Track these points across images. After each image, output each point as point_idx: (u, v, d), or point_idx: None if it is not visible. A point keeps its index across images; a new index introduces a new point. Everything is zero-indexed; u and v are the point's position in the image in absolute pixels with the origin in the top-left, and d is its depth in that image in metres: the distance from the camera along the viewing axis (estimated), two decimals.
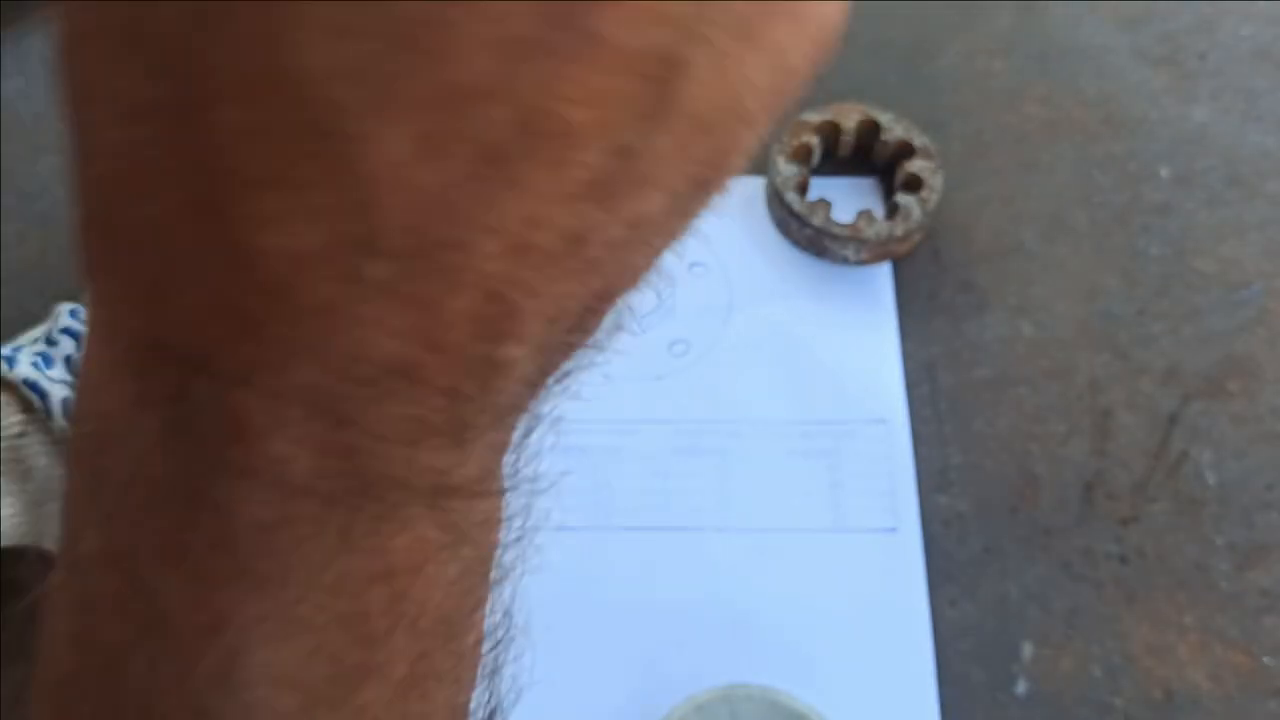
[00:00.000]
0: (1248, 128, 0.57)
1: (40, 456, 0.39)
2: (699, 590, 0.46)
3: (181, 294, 0.14)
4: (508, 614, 0.22)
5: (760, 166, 0.57)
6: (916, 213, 0.52)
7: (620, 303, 0.17)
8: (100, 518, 0.17)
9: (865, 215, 0.52)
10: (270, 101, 0.12)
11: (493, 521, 0.20)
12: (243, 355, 0.14)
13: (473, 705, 0.21)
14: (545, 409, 0.19)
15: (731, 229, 0.55)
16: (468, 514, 0.18)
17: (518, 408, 0.18)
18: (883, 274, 0.53)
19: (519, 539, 0.21)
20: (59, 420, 0.39)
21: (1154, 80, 0.59)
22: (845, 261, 0.53)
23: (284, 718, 0.17)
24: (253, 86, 0.12)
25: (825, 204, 0.53)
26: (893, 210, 0.53)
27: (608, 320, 0.18)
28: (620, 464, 0.49)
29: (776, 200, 0.53)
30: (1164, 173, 0.56)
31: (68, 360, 0.41)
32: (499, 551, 0.21)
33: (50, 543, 0.41)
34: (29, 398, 0.39)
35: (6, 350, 0.41)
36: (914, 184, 0.53)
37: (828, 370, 0.51)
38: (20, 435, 0.39)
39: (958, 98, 0.59)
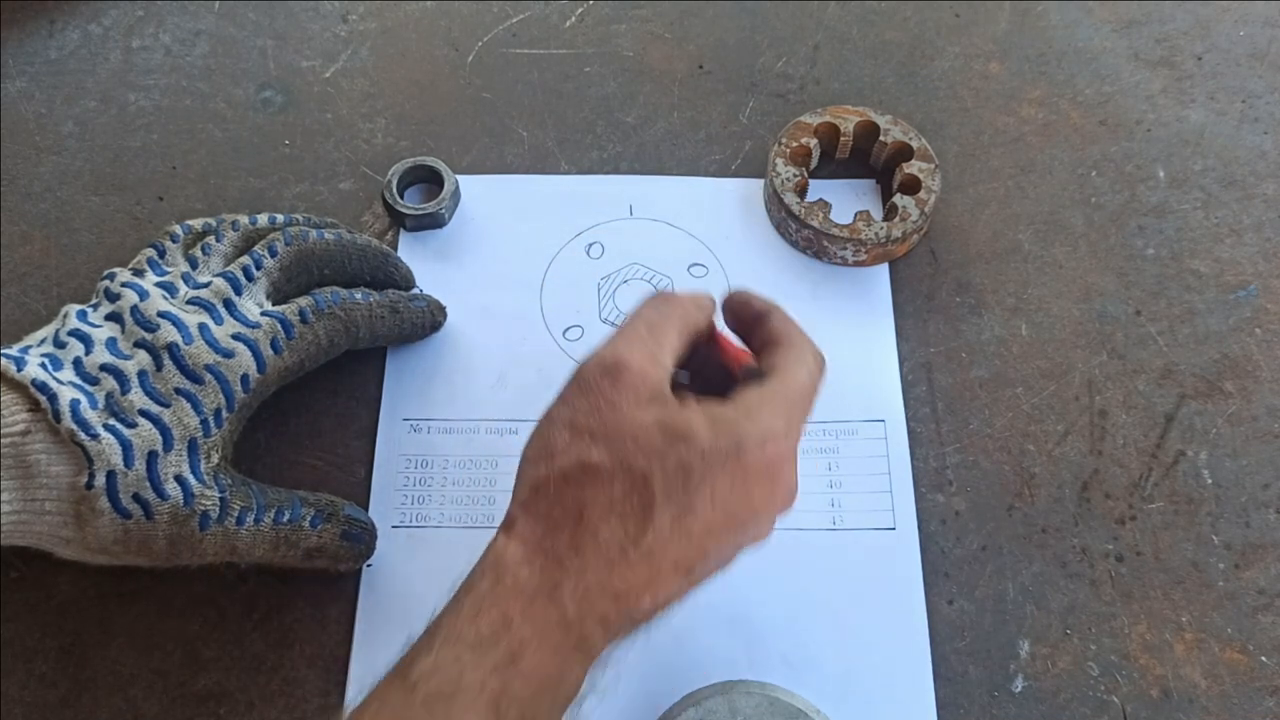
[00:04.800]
0: (1244, 129, 0.57)
1: (42, 455, 0.39)
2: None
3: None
4: None
5: (760, 169, 0.57)
6: (914, 214, 0.52)
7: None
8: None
9: (863, 216, 0.52)
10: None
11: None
12: (603, 607, 0.34)
13: None
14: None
15: (731, 230, 0.55)
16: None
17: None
18: (881, 275, 0.54)
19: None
20: (67, 422, 0.39)
21: (1150, 82, 0.59)
22: (844, 262, 0.54)
23: None
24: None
25: (824, 205, 0.53)
26: (891, 212, 0.53)
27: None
28: None
29: (776, 202, 0.54)
30: (1160, 174, 0.56)
31: (76, 363, 0.42)
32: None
33: (49, 542, 0.41)
34: (35, 397, 0.39)
35: (14, 351, 0.42)
36: (912, 186, 0.53)
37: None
38: (23, 434, 0.39)
39: (955, 100, 0.59)
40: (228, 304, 0.44)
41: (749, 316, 0.41)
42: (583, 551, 0.34)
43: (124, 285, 0.44)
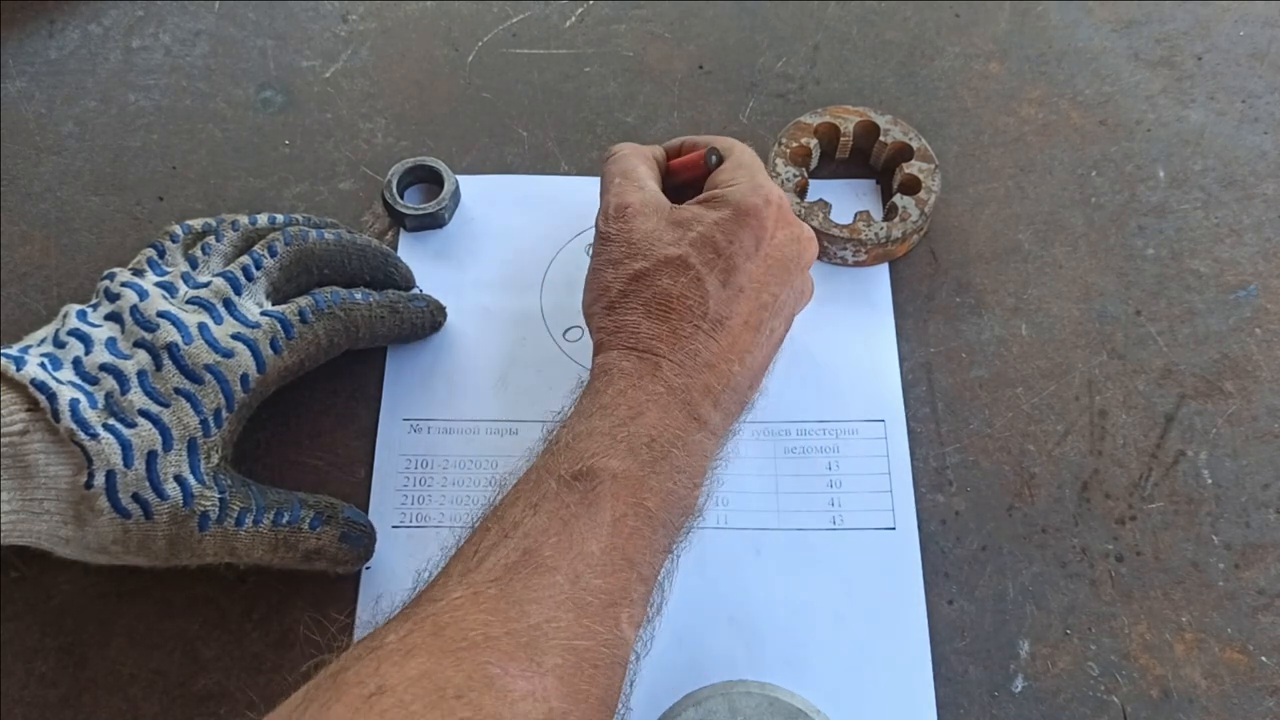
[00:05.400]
0: (1244, 129, 0.57)
1: (41, 455, 0.39)
2: (699, 588, 0.46)
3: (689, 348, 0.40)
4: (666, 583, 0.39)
5: None
6: (914, 214, 0.52)
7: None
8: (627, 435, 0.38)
9: (863, 217, 0.52)
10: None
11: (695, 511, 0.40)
12: (702, 378, 0.39)
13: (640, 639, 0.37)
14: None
15: None
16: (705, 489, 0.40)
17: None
18: (881, 275, 0.53)
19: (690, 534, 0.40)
20: (66, 421, 0.39)
21: (1150, 82, 0.59)
22: (844, 263, 0.54)
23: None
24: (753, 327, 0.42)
25: (824, 205, 0.53)
26: (891, 212, 0.53)
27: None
28: None
29: None
30: (1160, 174, 0.56)
31: (76, 362, 0.42)
32: (687, 534, 0.39)
33: (48, 541, 0.41)
34: (35, 397, 0.39)
35: (14, 350, 0.42)
36: (912, 186, 0.53)
37: (826, 370, 0.51)
38: (22, 433, 0.39)
39: (955, 100, 0.59)
40: (227, 304, 0.44)
41: (674, 148, 0.49)
42: (664, 337, 0.40)
43: (124, 285, 0.44)
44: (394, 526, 0.48)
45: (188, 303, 0.44)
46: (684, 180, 0.48)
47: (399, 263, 0.51)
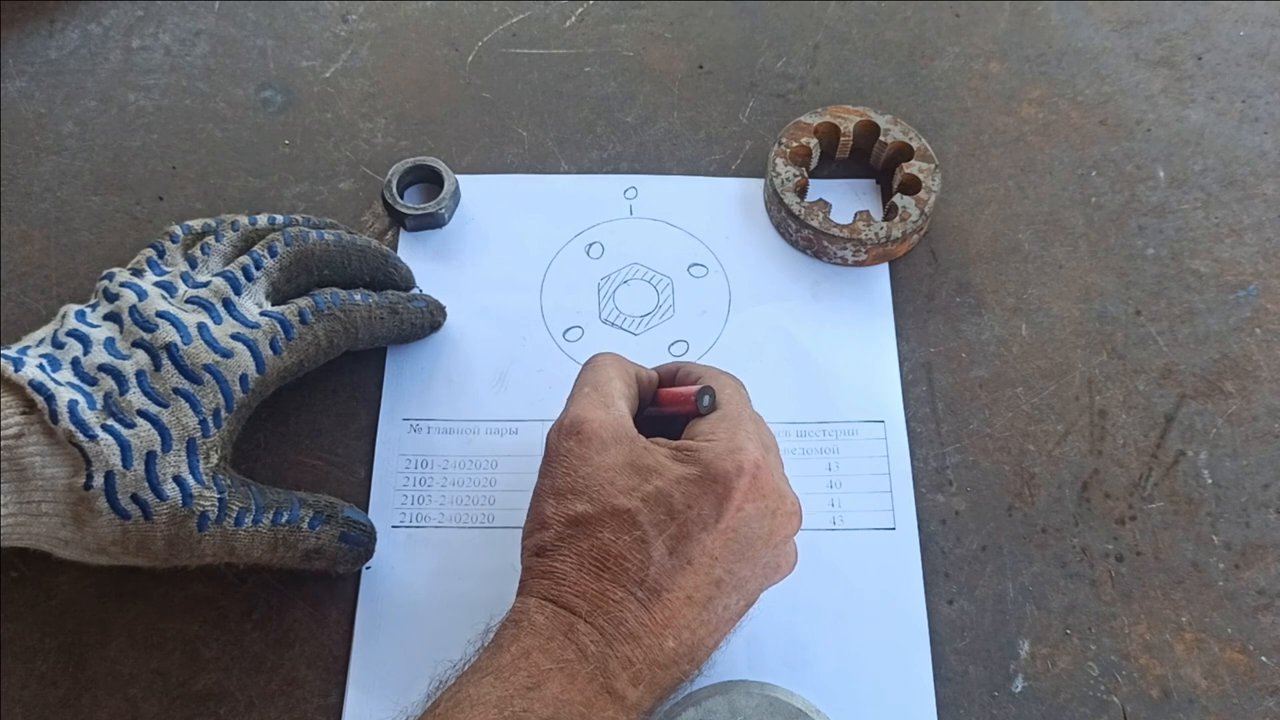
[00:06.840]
0: (1244, 129, 0.57)
1: (37, 458, 0.39)
2: None
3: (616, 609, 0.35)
4: None
5: (760, 169, 0.57)
6: (914, 214, 0.52)
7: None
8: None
9: (863, 216, 0.52)
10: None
11: None
12: (624, 649, 0.35)
13: None
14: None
15: (731, 230, 0.55)
16: None
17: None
18: (881, 275, 0.53)
19: None
20: (65, 423, 0.39)
21: (1151, 82, 0.59)
22: (844, 262, 0.54)
23: None
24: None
25: (824, 205, 0.53)
26: (890, 211, 0.53)
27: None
28: None
29: (775, 202, 0.54)
30: (1160, 174, 0.56)
31: (75, 363, 0.42)
32: None
33: (47, 543, 0.41)
34: (32, 398, 0.39)
35: (12, 351, 0.41)
36: (912, 185, 0.53)
37: (826, 370, 0.51)
38: (17, 436, 0.39)
39: (955, 100, 0.59)
40: (227, 304, 0.44)
41: (669, 373, 0.45)
42: (590, 595, 0.35)
43: (123, 285, 0.44)
44: (394, 526, 0.48)
45: (187, 302, 0.44)
46: (673, 413, 0.43)
47: (399, 263, 0.51)
